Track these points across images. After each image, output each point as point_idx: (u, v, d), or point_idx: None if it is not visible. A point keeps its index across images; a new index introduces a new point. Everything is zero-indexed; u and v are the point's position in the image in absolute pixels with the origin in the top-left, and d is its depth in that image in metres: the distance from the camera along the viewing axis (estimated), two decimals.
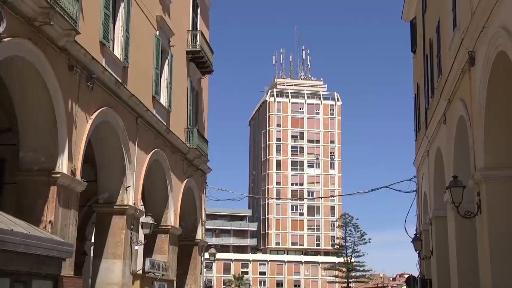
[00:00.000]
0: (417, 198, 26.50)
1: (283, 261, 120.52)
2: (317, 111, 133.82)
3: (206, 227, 32.14)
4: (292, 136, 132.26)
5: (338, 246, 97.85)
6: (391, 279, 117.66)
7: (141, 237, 21.86)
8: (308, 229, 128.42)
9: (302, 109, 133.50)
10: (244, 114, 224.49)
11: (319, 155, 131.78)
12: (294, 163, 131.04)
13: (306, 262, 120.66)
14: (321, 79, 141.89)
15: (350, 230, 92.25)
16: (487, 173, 12.44)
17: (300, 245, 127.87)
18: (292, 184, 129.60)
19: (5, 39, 12.95)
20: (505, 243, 12.05)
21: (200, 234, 29.13)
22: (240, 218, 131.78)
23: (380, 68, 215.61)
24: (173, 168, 25.03)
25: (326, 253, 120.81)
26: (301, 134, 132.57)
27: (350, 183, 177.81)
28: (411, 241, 24.22)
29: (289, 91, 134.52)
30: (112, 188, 20.05)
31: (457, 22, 15.25)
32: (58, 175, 15.37)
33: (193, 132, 27.32)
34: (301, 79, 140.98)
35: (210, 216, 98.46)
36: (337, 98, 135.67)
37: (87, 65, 16.88)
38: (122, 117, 19.52)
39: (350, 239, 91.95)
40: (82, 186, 16.80)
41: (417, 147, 25.81)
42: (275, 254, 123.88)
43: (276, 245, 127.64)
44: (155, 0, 23.50)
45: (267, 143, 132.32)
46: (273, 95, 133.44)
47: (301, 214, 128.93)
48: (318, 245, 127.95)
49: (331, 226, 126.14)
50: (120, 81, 19.23)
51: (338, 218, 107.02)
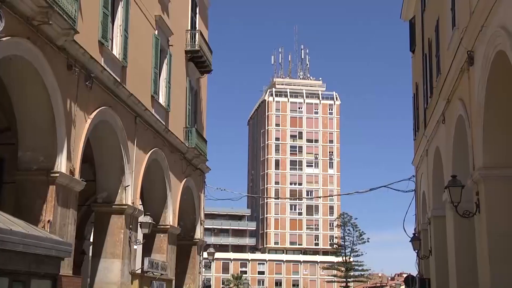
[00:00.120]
0: (415, 197, 26.50)
1: (282, 261, 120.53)
2: (316, 110, 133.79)
3: (205, 226, 32.13)
4: (291, 136, 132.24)
5: (336, 246, 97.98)
6: (389, 278, 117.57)
7: (139, 236, 21.85)
8: (306, 228, 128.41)
9: (301, 108, 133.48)
10: (243, 114, 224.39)
11: (318, 154, 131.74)
12: (293, 163, 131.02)
13: (304, 262, 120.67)
14: (320, 78, 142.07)
15: (348, 230, 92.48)
16: (486, 172, 12.43)
17: (298, 244, 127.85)
18: (291, 183, 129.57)
19: (3, 39, 12.94)
20: (504, 243, 12.04)
21: (198, 234, 29.13)
22: (239, 218, 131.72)
23: (379, 67, 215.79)
24: (172, 167, 25.02)
25: (325, 253, 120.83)
26: (300, 133, 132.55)
27: (349, 182, 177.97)
28: (410, 241, 24.24)
29: (288, 90, 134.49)
30: (111, 187, 20.04)
31: (456, 22, 15.24)
32: (57, 175, 15.36)
33: (192, 131, 27.31)
34: (300, 79, 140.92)
35: (209, 216, 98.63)
36: (336, 98, 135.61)
37: (85, 64, 16.87)
38: (121, 117, 19.51)
39: (348, 239, 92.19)
40: (81, 185, 16.80)
41: (416, 147, 25.82)
42: (274, 254, 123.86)
43: (274, 244, 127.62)
44: (154, 0, 23.51)
45: (266, 142, 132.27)
46: (272, 95, 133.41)
47: (300, 213, 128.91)
48: (316, 244, 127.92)
49: (330, 226, 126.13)
50: (119, 80, 19.22)
51: (336, 218, 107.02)
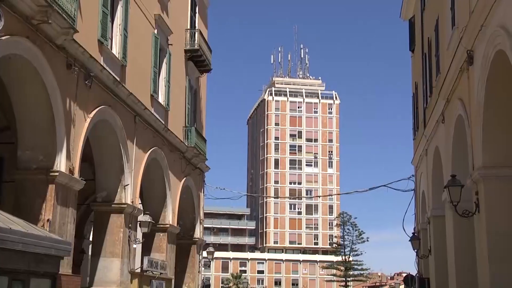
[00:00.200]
0: (415, 197, 26.50)
1: (281, 260, 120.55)
2: (315, 110, 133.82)
3: (204, 225, 32.15)
4: (291, 135, 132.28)
5: (336, 245, 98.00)
6: (389, 278, 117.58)
7: (139, 235, 21.86)
8: (306, 227, 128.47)
9: (301, 107, 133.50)
10: (242, 113, 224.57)
11: (317, 154, 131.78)
12: (292, 162, 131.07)
13: (304, 261, 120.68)
14: (319, 78, 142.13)
15: (348, 229, 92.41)
16: (485, 172, 12.43)
17: (298, 243, 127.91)
18: (290, 182, 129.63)
19: (3, 38, 12.94)
20: (503, 242, 12.04)
21: (198, 233, 29.13)
22: (238, 217, 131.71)
23: (379, 67, 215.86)
24: (171, 166, 25.02)
25: (324, 252, 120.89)
26: (299, 133, 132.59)
27: (348, 182, 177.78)
28: (409, 240, 24.26)
29: (288, 90, 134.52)
30: (110, 186, 20.04)
31: (455, 21, 15.24)
32: (56, 174, 15.36)
33: (191, 130, 27.31)
34: (300, 78, 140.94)
35: (208, 215, 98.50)
36: (335, 97, 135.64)
37: (85, 63, 16.87)
38: (120, 116, 19.51)
39: (348, 238, 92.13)
40: (80, 184, 16.79)
41: (415, 146, 25.82)
42: (273, 253, 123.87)
43: (274, 243, 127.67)
44: None
45: (265, 141, 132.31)
46: (271, 94, 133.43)
47: (299, 212, 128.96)
48: (316, 243, 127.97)
49: (329, 225, 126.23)
50: (118, 79, 19.21)
51: (336, 217, 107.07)
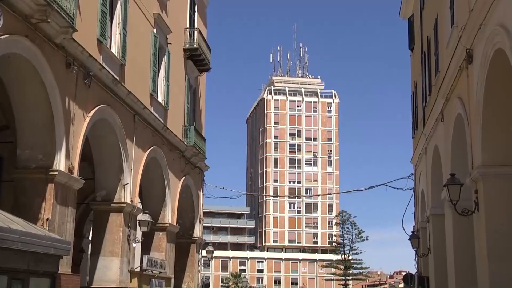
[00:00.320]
0: (414, 195, 26.51)
1: (281, 259, 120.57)
2: (315, 108, 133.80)
3: (204, 224, 32.15)
4: (290, 134, 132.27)
5: (335, 244, 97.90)
6: (388, 276, 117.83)
7: (138, 234, 21.84)
8: (305, 226, 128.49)
9: (300, 106, 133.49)
10: (241, 112, 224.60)
11: (316, 152, 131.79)
12: (291, 161, 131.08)
13: (303, 260, 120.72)
14: (319, 77, 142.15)
15: (347, 228, 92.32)
16: (485, 170, 12.43)
17: (297, 242, 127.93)
18: (289, 182, 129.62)
19: (2, 37, 12.94)
20: (503, 241, 12.04)
21: (197, 232, 29.13)
22: (238, 216, 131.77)
23: (378, 66, 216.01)
24: (170, 165, 25.01)
25: (324, 251, 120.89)
26: (299, 132, 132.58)
27: (347, 180, 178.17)
28: (409, 239, 24.24)
29: (287, 88, 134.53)
30: (110, 185, 20.03)
31: (455, 20, 15.23)
32: (56, 173, 15.36)
33: (191, 129, 27.30)
34: (299, 77, 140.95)
35: (208, 214, 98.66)
36: (335, 96, 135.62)
37: (84, 62, 16.86)
38: (120, 115, 19.50)
39: (347, 237, 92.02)
40: (80, 183, 16.79)
41: (415, 145, 25.81)
42: (273, 252, 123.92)
43: (273, 242, 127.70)
44: None
45: (265, 141, 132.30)
46: (270, 93, 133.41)
47: (299, 211, 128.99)
48: (315, 242, 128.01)
49: (329, 224, 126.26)
50: (117, 78, 19.21)
51: (335, 216, 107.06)
